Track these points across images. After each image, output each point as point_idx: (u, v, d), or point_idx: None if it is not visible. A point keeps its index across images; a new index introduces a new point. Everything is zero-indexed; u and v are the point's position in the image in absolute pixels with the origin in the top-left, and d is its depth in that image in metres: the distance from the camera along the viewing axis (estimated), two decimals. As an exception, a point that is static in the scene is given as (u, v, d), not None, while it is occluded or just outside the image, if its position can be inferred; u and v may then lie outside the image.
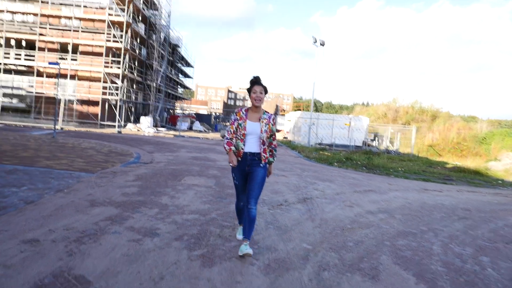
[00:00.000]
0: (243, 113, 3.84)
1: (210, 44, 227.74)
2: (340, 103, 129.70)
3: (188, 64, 52.00)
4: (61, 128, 23.33)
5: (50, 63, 15.53)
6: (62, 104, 26.65)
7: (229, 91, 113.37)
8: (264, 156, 3.83)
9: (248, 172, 3.82)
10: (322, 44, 26.34)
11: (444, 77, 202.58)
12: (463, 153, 28.92)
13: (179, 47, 45.48)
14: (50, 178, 6.92)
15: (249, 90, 3.82)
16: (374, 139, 31.98)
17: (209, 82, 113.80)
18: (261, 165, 3.81)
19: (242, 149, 3.77)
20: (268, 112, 3.91)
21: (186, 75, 54.18)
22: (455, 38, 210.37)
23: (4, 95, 30.38)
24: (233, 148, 3.81)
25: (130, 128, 29.70)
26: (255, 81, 3.78)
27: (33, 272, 3.03)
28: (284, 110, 75.98)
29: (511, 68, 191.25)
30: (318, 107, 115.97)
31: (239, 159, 3.79)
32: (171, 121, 42.28)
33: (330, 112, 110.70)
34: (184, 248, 3.84)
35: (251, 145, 3.80)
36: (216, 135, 32.42)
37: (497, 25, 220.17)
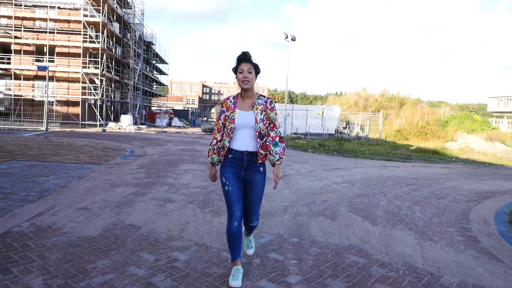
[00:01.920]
0: (230, 101, 3.02)
1: (183, 38, 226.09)
2: (314, 93, 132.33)
3: (162, 61, 52.62)
4: (47, 129, 23.96)
5: (39, 68, 16.36)
6: (46, 106, 27.14)
7: (203, 85, 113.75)
8: (262, 153, 2.97)
9: (245, 179, 3.03)
10: (293, 39, 27.87)
11: (415, 64, 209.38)
12: (427, 136, 31.25)
13: (153, 44, 46.09)
14: (67, 170, 8.14)
15: (235, 70, 2.99)
16: (346, 127, 33.95)
17: (184, 78, 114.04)
18: (260, 169, 3.03)
19: (227, 147, 2.97)
20: (264, 96, 3.07)
21: (161, 72, 54.78)
22: (425, 25, 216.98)
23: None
24: (213, 158, 3.07)
25: (112, 127, 30.46)
26: (243, 58, 2.96)
27: (98, 223, 4.38)
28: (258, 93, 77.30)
29: (479, 54, 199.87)
30: (293, 98, 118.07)
31: (229, 156, 3.00)
32: (149, 118, 43.07)
33: (305, 102, 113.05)
34: (197, 207, 5.26)
35: (246, 142, 2.97)
36: (196, 130, 33.60)
37: (465, 12, 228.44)
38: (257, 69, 2.99)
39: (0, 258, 3.29)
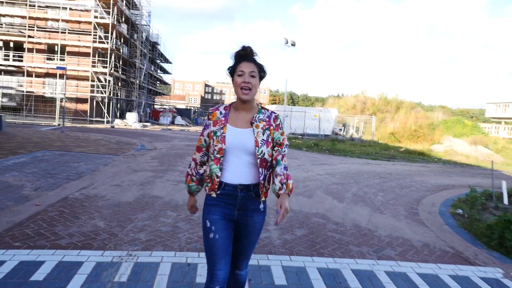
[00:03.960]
0: (220, 113, 2.18)
1: (187, 37, 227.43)
2: (316, 95, 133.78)
3: (166, 60, 54.17)
4: (58, 125, 25.47)
5: (58, 67, 17.84)
6: (58, 102, 28.64)
7: (206, 85, 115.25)
8: (266, 187, 2.17)
9: (237, 221, 2.16)
10: (293, 45, 29.32)
11: (419, 67, 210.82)
12: (419, 139, 32.69)
13: (158, 44, 47.62)
14: (92, 158, 9.61)
15: (232, 72, 2.16)
16: (341, 129, 35.42)
17: (186, 77, 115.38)
18: (260, 208, 2.15)
19: (218, 177, 2.09)
20: (267, 109, 2.24)
21: (165, 71, 56.31)
22: (431, 29, 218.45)
23: (-4, 94, 32.01)
24: (190, 187, 2.39)
25: (118, 123, 31.96)
26: (244, 55, 2.16)
27: (130, 194, 5.85)
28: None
29: (483, 59, 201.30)
30: (294, 99, 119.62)
31: (214, 194, 2.12)
32: (153, 116, 44.58)
33: (306, 104, 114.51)
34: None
35: (239, 171, 2.10)
36: (198, 128, 35.07)
37: (472, 17, 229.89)
38: (261, 72, 2.19)
39: (69, 210, 4.76)
